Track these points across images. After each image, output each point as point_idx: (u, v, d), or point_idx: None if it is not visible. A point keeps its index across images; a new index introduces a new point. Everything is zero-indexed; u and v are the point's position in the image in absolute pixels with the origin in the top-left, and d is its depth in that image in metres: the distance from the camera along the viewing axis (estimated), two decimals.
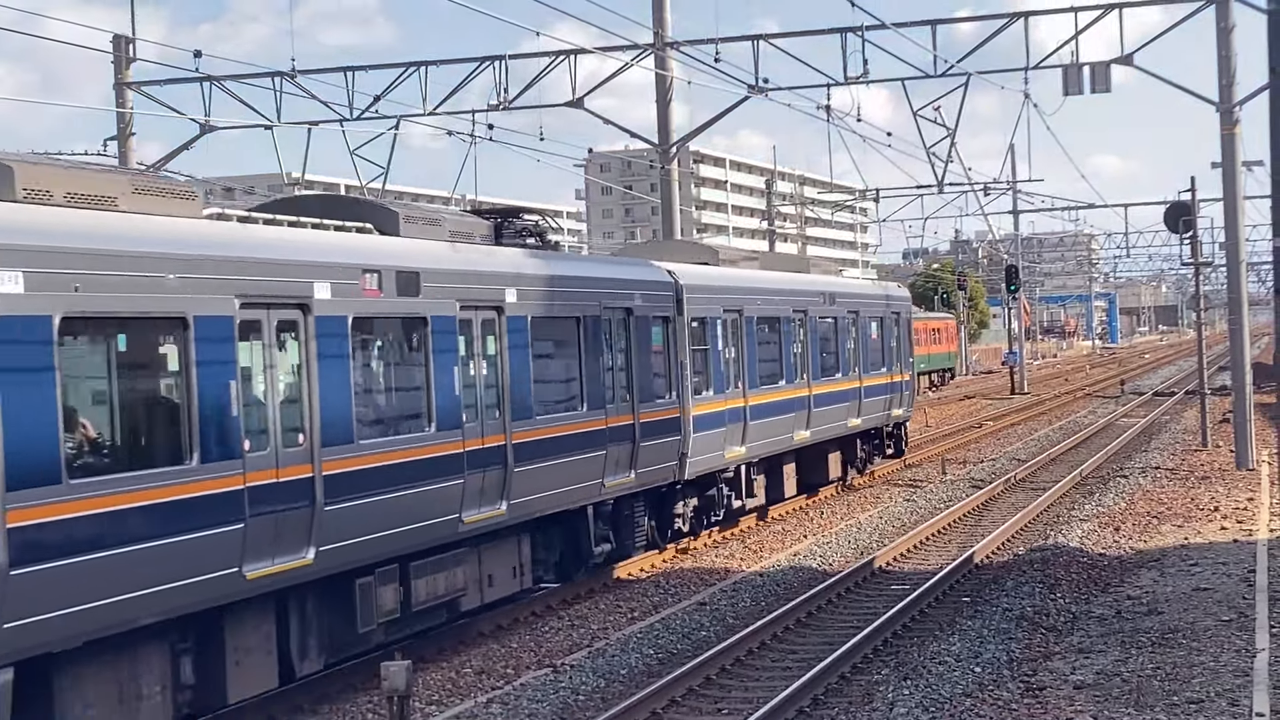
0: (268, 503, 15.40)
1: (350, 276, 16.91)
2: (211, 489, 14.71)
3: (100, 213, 14.25)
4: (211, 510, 14.66)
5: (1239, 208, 38.26)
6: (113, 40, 42.79)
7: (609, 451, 23.03)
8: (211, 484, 14.70)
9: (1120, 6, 37.58)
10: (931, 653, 18.15)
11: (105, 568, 13.36)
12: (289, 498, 15.79)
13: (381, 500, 17.21)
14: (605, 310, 23.23)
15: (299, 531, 15.91)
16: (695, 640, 19.84)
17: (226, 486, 14.89)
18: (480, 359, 19.57)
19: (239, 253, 15.37)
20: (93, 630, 13.33)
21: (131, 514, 13.66)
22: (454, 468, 18.67)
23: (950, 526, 29.77)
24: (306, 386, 16.19)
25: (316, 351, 16.29)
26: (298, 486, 15.93)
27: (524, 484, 20.33)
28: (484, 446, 19.44)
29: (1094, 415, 59.52)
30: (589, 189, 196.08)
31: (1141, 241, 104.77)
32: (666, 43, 39.29)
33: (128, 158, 43.56)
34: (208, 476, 14.63)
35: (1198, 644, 17.83)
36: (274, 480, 15.53)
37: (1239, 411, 37.49)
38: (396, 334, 18.18)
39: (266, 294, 15.58)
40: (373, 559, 17.27)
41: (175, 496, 14.20)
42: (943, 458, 42.20)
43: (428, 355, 18.37)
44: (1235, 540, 25.74)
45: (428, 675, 18.07)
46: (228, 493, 14.89)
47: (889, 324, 37.94)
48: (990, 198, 70.53)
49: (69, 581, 12.92)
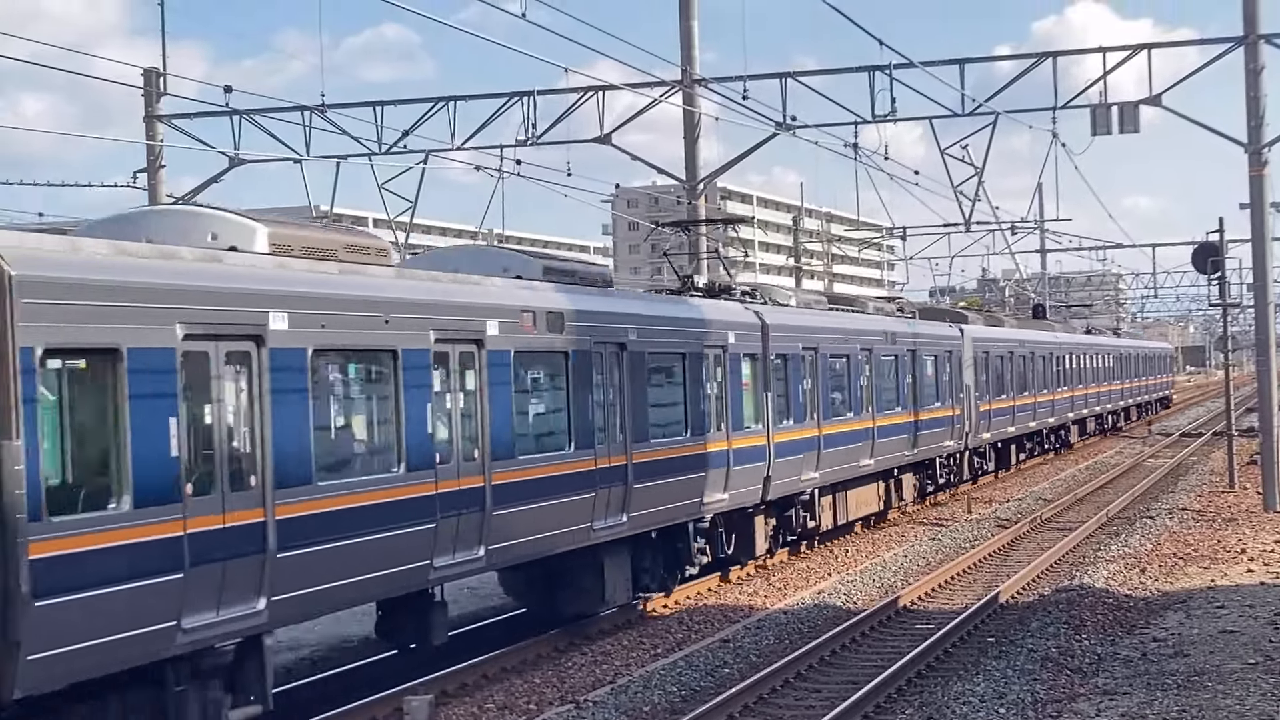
0: (453, 507, 17.95)
1: (512, 316, 19.57)
2: (414, 493, 17.29)
3: (332, 263, 16.86)
4: (412, 511, 17.19)
5: (1267, 249, 38.16)
6: (144, 74, 43.08)
7: (708, 474, 25.34)
8: (414, 489, 17.29)
9: (1149, 47, 37.59)
10: (955, 693, 18.08)
11: (341, 555, 15.93)
12: (468, 503, 18.28)
13: (536, 508, 19.75)
14: (706, 348, 25.62)
15: (473, 532, 18.39)
16: (718, 678, 19.79)
17: (424, 492, 17.48)
18: (607, 387, 22.17)
19: (434, 298, 18.05)
20: (329, 607, 16.35)
21: (360, 511, 16.25)
22: (589, 482, 21.40)
23: (975, 566, 29.67)
24: (480, 407, 18.72)
25: (488, 378, 18.88)
26: (474, 494, 18.47)
27: (642, 499, 22.93)
28: (610, 465, 22.02)
29: (1121, 455, 59.31)
30: (616, 224, 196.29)
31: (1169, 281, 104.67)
32: (695, 79, 39.39)
33: (158, 190, 43.80)
34: (411, 483, 17.24)
35: (1224, 687, 17.72)
36: (456, 488, 18.09)
37: (1266, 453, 37.32)
38: (545, 365, 20.73)
39: (453, 330, 18.22)
40: (528, 557, 20.06)
41: (389, 499, 16.81)
42: (968, 496, 42.09)
43: (570, 382, 21.05)
44: (1262, 583, 25.60)
45: (450, 710, 18.05)
46: (424, 497, 17.47)
47: (942, 361, 40.39)
48: (1018, 237, 70.48)
49: (316, 566, 15.48)
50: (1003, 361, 48.38)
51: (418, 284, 18.13)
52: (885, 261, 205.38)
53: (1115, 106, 37.91)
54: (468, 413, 18.47)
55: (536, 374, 20.56)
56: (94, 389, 13.20)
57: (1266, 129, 36.68)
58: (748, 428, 27.13)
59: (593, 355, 21.68)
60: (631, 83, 39.98)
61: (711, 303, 27.82)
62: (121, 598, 13.06)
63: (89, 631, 12.76)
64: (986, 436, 45.81)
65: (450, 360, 18.18)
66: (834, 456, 31.18)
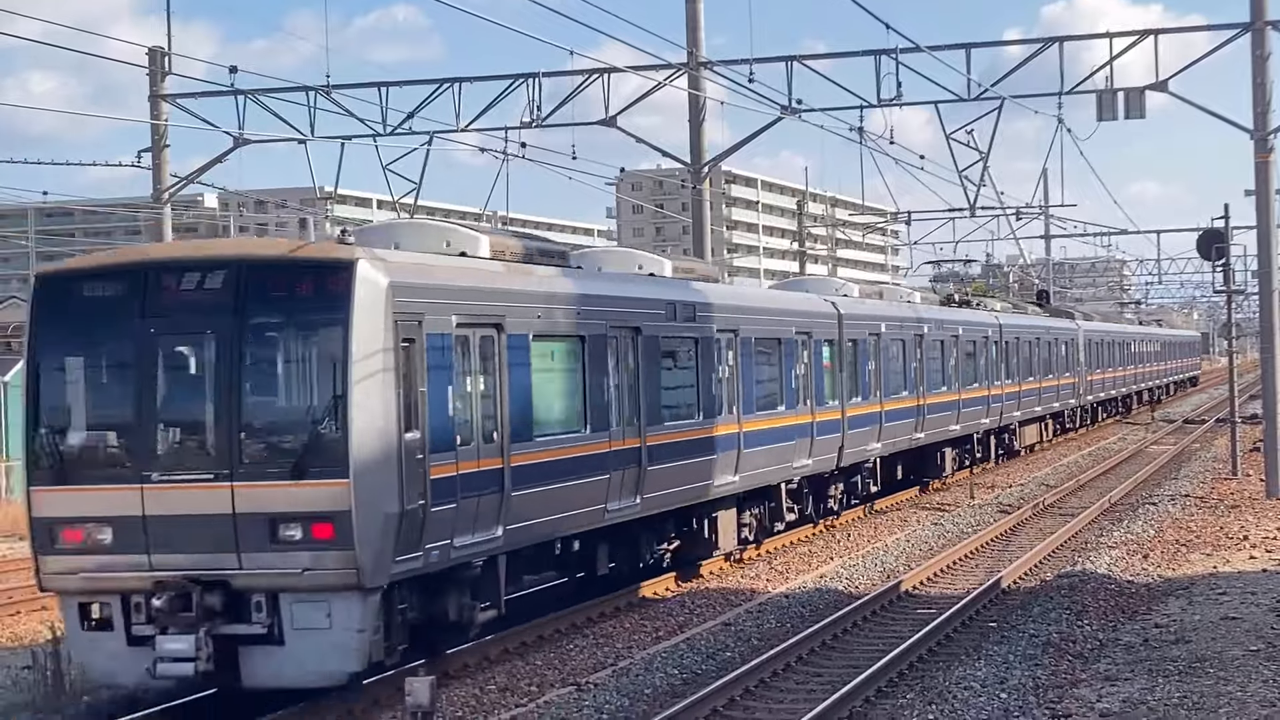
0: (622, 463, 22.21)
1: (648, 311, 23.70)
2: (594, 450, 21.58)
3: (532, 266, 21.15)
4: (594, 465, 21.41)
5: (1272, 235, 38.08)
6: (148, 53, 43.02)
7: (798, 442, 29.44)
8: (595, 446, 21.59)
9: (1156, 33, 37.51)
10: (957, 678, 18.08)
11: (548, 496, 20.04)
12: (630, 460, 22.53)
13: (677, 465, 24.04)
14: (797, 334, 29.94)
15: (631, 484, 22.55)
16: (720, 661, 19.81)
17: (603, 449, 21.79)
18: (723, 365, 26.35)
19: (600, 292, 22.48)
20: (539, 537, 20.19)
21: (561, 463, 20.39)
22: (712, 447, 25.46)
23: (978, 551, 29.68)
24: (638, 381, 22.89)
25: (643, 359, 23.09)
26: (633, 453, 22.68)
27: (749, 462, 26.87)
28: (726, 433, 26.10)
29: (1124, 442, 59.30)
30: (620, 208, 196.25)
31: (1174, 268, 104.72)
32: (700, 63, 39.32)
33: (162, 170, 43.77)
34: (594, 441, 21.58)
35: (1225, 674, 17.73)
36: (623, 447, 22.33)
37: (1269, 440, 37.30)
38: (681, 348, 24.90)
39: (620, 322, 22.62)
40: (671, 506, 24.22)
41: (580, 454, 21.07)
42: (971, 482, 42.08)
43: (698, 362, 25.29)
44: (1265, 570, 25.60)
45: (452, 691, 18.07)
46: (602, 453, 21.74)
47: (980, 346, 45.02)
48: (1022, 222, 70.41)
49: (538, 501, 19.69)
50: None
51: (596, 282, 23.13)
52: (889, 246, 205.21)
53: (1121, 92, 37.85)
54: (630, 386, 22.81)
55: (674, 355, 24.83)
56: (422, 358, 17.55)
57: (1273, 115, 36.61)
58: (827, 403, 31.34)
59: (714, 341, 25.98)
60: (637, 65, 39.92)
61: (800, 295, 33.20)
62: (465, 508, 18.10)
63: (455, 529, 17.93)
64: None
65: (617, 344, 22.52)
66: (892, 430, 35.65)
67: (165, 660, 16.27)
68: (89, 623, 16.95)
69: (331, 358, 16.45)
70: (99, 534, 16.68)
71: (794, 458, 29.30)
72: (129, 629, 16.68)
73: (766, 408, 28.06)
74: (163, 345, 16.88)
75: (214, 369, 16.69)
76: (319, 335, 16.62)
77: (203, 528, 16.40)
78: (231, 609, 16.44)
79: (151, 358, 16.84)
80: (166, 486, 16.53)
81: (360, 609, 16.46)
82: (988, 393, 44.86)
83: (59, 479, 16.87)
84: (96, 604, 16.86)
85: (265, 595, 16.44)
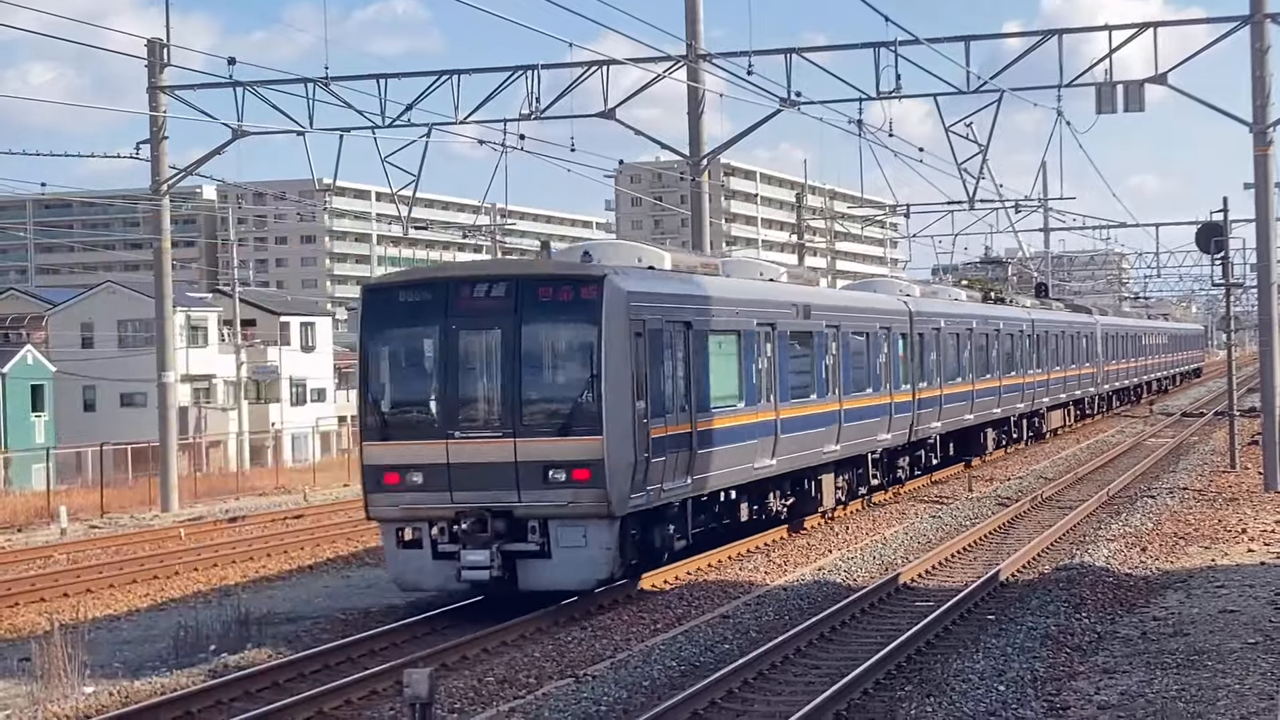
0: (763, 431, 27.63)
1: (783, 310, 29.44)
2: (747, 420, 26.99)
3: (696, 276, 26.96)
4: (746, 432, 26.83)
5: (1271, 228, 38.09)
6: (147, 45, 42.98)
7: (881, 419, 34.83)
8: (747, 417, 27.03)
9: (1155, 26, 37.52)
10: (955, 670, 18.09)
11: (724, 454, 25.74)
12: (769, 429, 27.94)
13: (800, 434, 29.39)
14: (880, 329, 35.35)
15: (769, 448, 27.93)
16: (718, 653, 19.81)
17: (752, 419, 27.23)
18: (830, 354, 31.86)
19: (753, 296, 28.48)
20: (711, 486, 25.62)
21: (727, 429, 25.92)
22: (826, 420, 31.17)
23: (976, 544, 29.68)
24: (774, 367, 28.42)
25: (778, 348, 28.71)
26: (771, 424, 28.04)
27: (848, 433, 32.43)
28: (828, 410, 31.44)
29: (1122, 435, 59.30)
30: (619, 200, 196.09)
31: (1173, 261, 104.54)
32: (699, 55, 39.31)
33: (160, 161, 43.73)
34: (747, 412, 27.05)
35: (1223, 666, 17.74)
36: (765, 418, 27.81)
37: (1268, 433, 37.33)
38: (801, 340, 30.43)
39: (764, 320, 28.21)
40: (796, 467, 29.61)
41: (738, 422, 26.55)
42: (969, 475, 42.10)
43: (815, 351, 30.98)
44: (1263, 563, 25.62)
45: (450, 683, 18.09)
46: (752, 423, 27.20)
47: (1016, 339, 50.08)
48: (1021, 215, 70.27)
49: (711, 460, 25.16)
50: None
51: (748, 288, 28.95)
52: (888, 239, 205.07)
53: (1120, 85, 37.85)
54: (768, 370, 28.15)
55: (796, 346, 30.02)
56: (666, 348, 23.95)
57: (1272, 108, 36.61)
58: (901, 387, 36.50)
59: (824, 334, 31.49)
60: (635, 57, 39.87)
61: (879, 295, 38.86)
62: (669, 462, 23.72)
63: (663, 477, 23.51)
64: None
65: (761, 337, 28.01)
66: (950, 411, 40.90)
67: (468, 568, 21.95)
68: (402, 543, 22.61)
69: (588, 346, 22.16)
70: (413, 476, 22.32)
71: (878, 432, 34.73)
72: (434, 547, 22.37)
73: (859, 390, 33.36)
74: (461, 338, 22.43)
75: (500, 355, 22.27)
76: (578, 330, 22.29)
77: (492, 472, 22.08)
78: (513, 531, 22.06)
79: (453, 347, 22.42)
80: (465, 441, 22.21)
81: (608, 532, 22.23)
82: (1023, 380, 50.59)
83: (384, 436, 22.72)
84: (409, 529, 22.53)
85: (538, 521, 22.11)
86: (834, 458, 31.78)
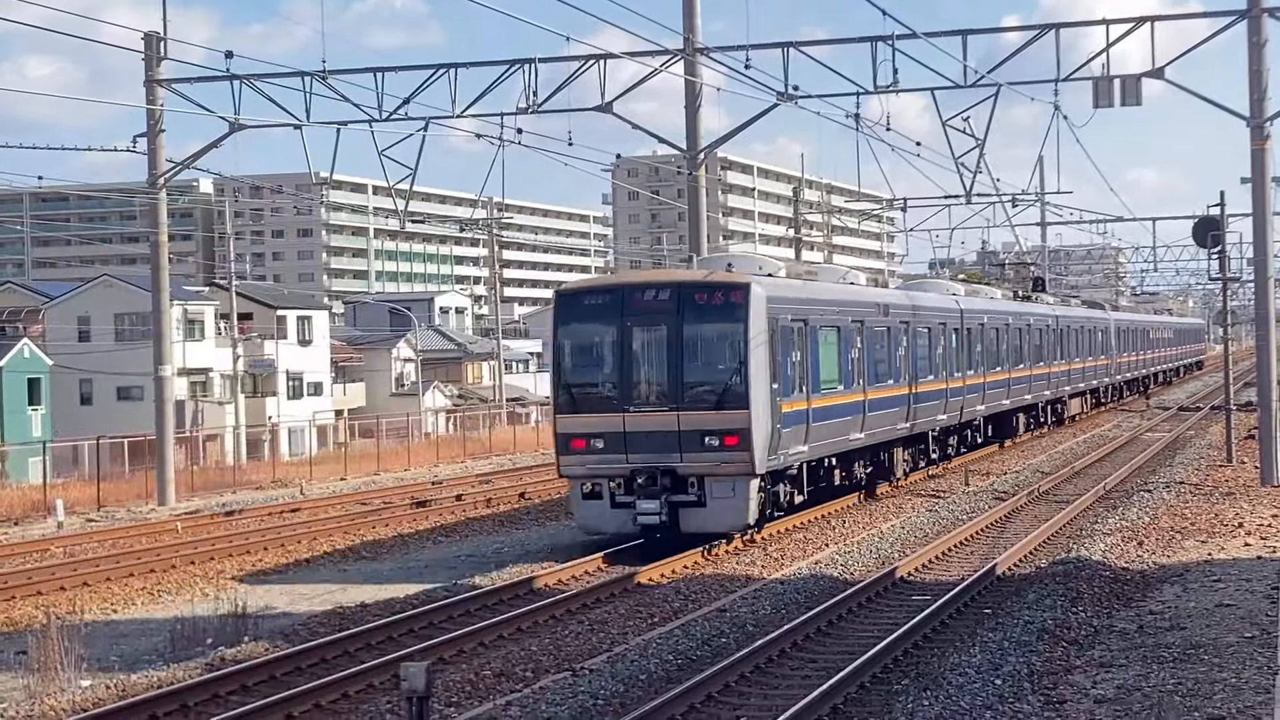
0: (857, 409, 33.05)
1: (869, 309, 34.60)
2: (846, 400, 32.37)
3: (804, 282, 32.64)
4: (845, 409, 32.28)
5: (1268, 223, 38.11)
6: (144, 38, 42.94)
7: (939, 402, 40.26)
8: (845, 397, 32.43)
9: (1152, 20, 37.51)
10: (952, 664, 18.10)
11: (828, 427, 31.03)
12: (860, 408, 33.22)
13: (882, 413, 34.89)
14: (939, 324, 40.88)
15: (859, 423, 33.22)
16: (715, 647, 19.81)
17: (848, 399, 32.62)
18: (903, 346, 37.07)
19: (848, 298, 33.83)
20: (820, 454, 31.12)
21: (832, 406, 31.34)
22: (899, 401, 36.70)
23: (973, 538, 29.69)
24: (863, 356, 33.75)
25: (866, 341, 33.97)
26: (860, 403, 33.26)
27: (916, 413, 37.74)
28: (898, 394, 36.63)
29: (1118, 429, 59.33)
30: (616, 194, 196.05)
31: (1169, 256, 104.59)
32: (696, 48, 39.28)
33: (158, 154, 43.69)
34: (845, 393, 32.44)
35: (1220, 660, 17.76)
36: (858, 398, 33.13)
37: (1264, 427, 37.35)
38: (882, 334, 35.46)
39: (856, 317, 33.51)
40: (878, 440, 35.16)
41: (840, 401, 31.92)
42: (966, 469, 42.12)
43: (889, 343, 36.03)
44: (1259, 557, 25.63)
45: (447, 676, 18.08)
46: (849, 402, 32.60)
47: (1045, 333, 55.10)
48: (1018, 209, 70.25)
49: (820, 431, 30.53)
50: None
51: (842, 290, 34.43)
52: (885, 233, 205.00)
53: (1117, 79, 37.83)
54: (858, 359, 33.32)
55: (879, 339, 35.05)
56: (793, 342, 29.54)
57: (1269, 102, 36.61)
58: (954, 375, 41.77)
59: (899, 329, 36.75)
60: (633, 51, 39.86)
61: (934, 294, 43.60)
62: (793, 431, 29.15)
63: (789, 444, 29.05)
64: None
65: (853, 332, 33.17)
66: (990, 395, 45.88)
67: (642, 514, 27.31)
68: (586, 495, 28.06)
69: (735, 338, 27.60)
70: (596, 442, 27.81)
71: (937, 414, 40.14)
72: (613, 498, 27.84)
73: (924, 376, 38.57)
74: (635, 332, 27.84)
75: (665, 346, 27.70)
76: (728, 326, 27.66)
77: (660, 438, 27.45)
78: (676, 486, 27.41)
79: (628, 339, 27.85)
80: (638, 414, 27.65)
81: (751, 487, 27.50)
82: (1049, 370, 55.60)
83: (573, 410, 28.24)
84: (592, 484, 27.99)
85: (696, 478, 27.37)
86: (904, 434, 37.35)
